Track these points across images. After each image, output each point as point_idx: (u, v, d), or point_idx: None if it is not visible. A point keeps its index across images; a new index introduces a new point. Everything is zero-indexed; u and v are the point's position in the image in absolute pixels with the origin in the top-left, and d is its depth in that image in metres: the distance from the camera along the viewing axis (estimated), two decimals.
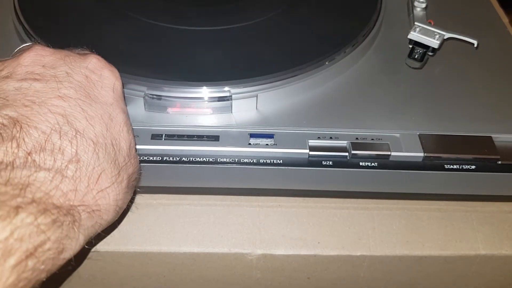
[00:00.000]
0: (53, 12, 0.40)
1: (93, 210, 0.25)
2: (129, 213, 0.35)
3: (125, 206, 0.29)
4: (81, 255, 0.33)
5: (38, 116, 0.24)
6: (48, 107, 0.25)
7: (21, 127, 0.23)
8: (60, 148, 0.24)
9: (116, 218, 0.28)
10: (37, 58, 0.28)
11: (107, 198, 0.25)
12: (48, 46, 0.29)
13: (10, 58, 0.28)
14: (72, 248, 0.23)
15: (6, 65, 0.27)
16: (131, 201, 0.30)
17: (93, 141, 0.25)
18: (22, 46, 0.30)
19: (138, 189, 0.33)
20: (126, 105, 0.30)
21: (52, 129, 0.24)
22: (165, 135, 0.33)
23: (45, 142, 0.24)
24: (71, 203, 0.23)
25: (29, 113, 0.24)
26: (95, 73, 0.29)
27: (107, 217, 0.26)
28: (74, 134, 0.25)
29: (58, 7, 0.41)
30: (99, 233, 0.26)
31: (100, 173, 0.25)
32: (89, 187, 0.24)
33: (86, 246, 0.25)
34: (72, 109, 0.26)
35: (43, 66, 0.27)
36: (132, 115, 0.33)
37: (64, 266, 0.24)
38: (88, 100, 0.27)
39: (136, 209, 0.35)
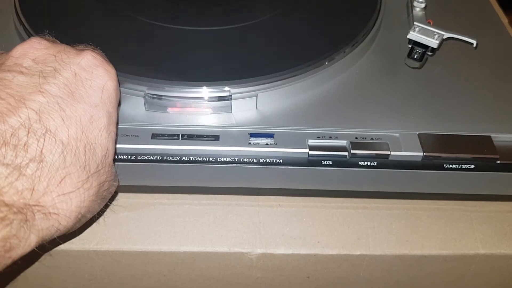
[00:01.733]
0: (54, 12, 0.40)
1: (49, 213, 0.24)
2: (129, 213, 0.35)
3: (90, 216, 0.27)
4: (32, 258, 0.32)
5: (12, 110, 0.24)
6: (25, 102, 0.24)
7: None
8: (25, 145, 0.23)
9: (78, 226, 0.27)
10: (29, 50, 0.27)
11: (69, 203, 0.24)
12: (47, 40, 0.29)
13: (6, 52, 0.28)
14: (21, 247, 0.22)
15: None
16: (100, 213, 0.29)
17: (63, 143, 0.24)
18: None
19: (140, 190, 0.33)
20: (117, 109, 0.29)
21: (21, 124, 0.23)
22: (165, 134, 0.33)
23: (11, 137, 0.23)
24: (26, 202, 0.23)
25: (2, 106, 0.24)
26: (87, 71, 0.27)
27: (66, 223, 0.25)
28: (43, 132, 0.24)
29: (59, 8, 0.41)
30: (54, 239, 0.25)
31: (64, 176, 0.24)
32: (48, 188, 0.23)
33: (37, 250, 0.24)
34: (50, 106, 0.25)
35: (33, 59, 0.27)
36: (132, 114, 0.34)
37: (10, 265, 0.23)
38: (70, 99, 0.26)
39: (137, 208, 0.36)
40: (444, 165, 0.33)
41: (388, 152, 0.32)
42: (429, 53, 0.38)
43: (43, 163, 0.23)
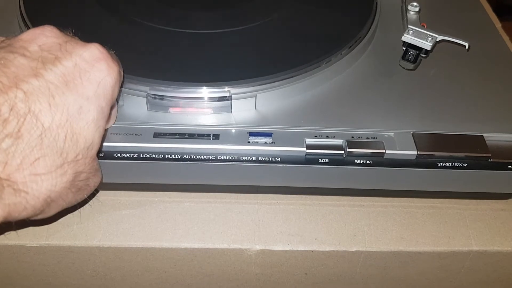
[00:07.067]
0: (58, 14, 0.41)
1: (19, 189, 0.24)
2: (132, 210, 0.36)
3: (64, 204, 0.28)
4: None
5: (2, 88, 0.24)
6: (17, 82, 0.25)
7: None
8: (4, 121, 0.23)
9: (50, 213, 0.27)
10: (39, 36, 0.27)
11: (39, 184, 0.25)
12: (60, 30, 0.29)
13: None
14: None
15: (9, 38, 0.28)
16: (82, 203, 0.29)
17: (43, 126, 0.25)
18: None
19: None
20: (110, 105, 0.29)
21: (6, 101, 0.24)
22: (167, 133, 0.33)
23: None
24: None
25: None
26: (88, 63, 0.27)
27: (34, 203, 0.25)
28: (26, 112, 0.24)
29: (63, 9, 0.42)
30: (27, 222, 0.25)
31: (39, 157, 0.24)
32: (21, 165, 0.24)
33: (3, 226, 0.24)
34: (41, 90, 0.25)
35: (39, 45, 0.27)
36: (135, 114, 0.34)
37: None
38: (62, 87, 0.26)
39: (139, 206, 0.36)
40: (438, 163, 0.33)
41: (383, 151, 0.33)
42: (423, 55, 0.39)
43: (19, 140, 0.24)
